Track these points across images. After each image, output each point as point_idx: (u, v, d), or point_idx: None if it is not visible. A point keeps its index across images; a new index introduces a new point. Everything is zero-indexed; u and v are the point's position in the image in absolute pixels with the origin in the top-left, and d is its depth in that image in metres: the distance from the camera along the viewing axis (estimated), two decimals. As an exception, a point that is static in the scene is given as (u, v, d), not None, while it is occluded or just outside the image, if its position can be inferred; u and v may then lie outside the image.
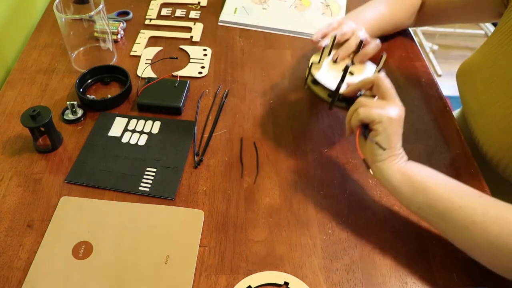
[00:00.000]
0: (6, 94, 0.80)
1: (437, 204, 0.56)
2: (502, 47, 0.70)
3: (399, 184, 0.58)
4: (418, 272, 0.59)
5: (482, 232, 0.53)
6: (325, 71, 0.70)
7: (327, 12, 1.04)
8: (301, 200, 0.67)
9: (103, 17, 0.83)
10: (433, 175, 0.59)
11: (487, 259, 0.55)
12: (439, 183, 0.58)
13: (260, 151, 0.73)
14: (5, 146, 0.72)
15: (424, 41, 2.39)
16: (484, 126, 0.72)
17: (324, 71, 0.70)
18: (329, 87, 0.68)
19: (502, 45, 0.71)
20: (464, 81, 0.78)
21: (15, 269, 0.57)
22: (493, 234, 0.52)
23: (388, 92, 0.60)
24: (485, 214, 0.53)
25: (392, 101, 0.60)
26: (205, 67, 0.88)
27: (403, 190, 0.58)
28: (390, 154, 0.59)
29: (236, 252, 0.60)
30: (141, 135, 0.75)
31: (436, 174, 0.59)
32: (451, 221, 0.55)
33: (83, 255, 0.59)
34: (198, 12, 1.02)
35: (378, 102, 0.60)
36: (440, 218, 0.56)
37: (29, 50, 0.90)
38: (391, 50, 0.93)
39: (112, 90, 0.83)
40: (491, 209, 0.54)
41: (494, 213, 0.53)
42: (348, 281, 0.58)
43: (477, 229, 0.53)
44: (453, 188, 0.57)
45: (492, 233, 0.52)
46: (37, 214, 0.63)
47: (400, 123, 0.59)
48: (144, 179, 0.68)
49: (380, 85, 0.61)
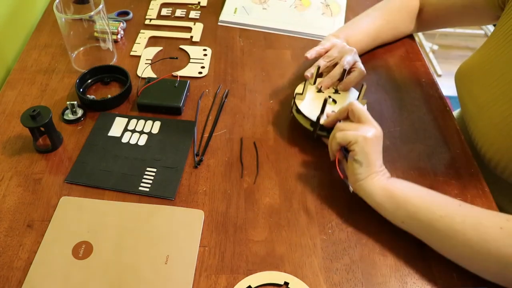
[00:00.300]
0: (6, 94, 0.80)
1: (418, 216, 0.58)
2: (500, 49, 0.71)
3: (382, 200, 0.60)
4: (418, 272, 0.59)
5: (464, 239, 0.54)
6: (309, 101, 0.74)
7: (327, 12, 1.04)
8: (301, 200, 0.67)
9: (103, 17, 0.83)
10: (413, 188, 0.61)
11: (473, 266, 0.56)
12: (419, 195, 0.60)
13: (260, 151, 0.73)
14: (5, 146, 0.72)
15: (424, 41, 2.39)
16: (482, 128, 0.72)
17: (307, 102, 0.74)
18: (311, 117, 0.71)
19: (500, 47, 0.71)
20: (462, 83, 0.79)
21: (15, 269, 0.57)
22: (473, 240, 0.54)
23: (363, 116, 0.64)
24: (463, 222, 0.55)
25: (367, 123, 0.63)
26: (205, 67, 0.88)
27: (386, 206, 0.60)
28: (370, 172, 0.61)
29: (236, 252, 0.60)
30: (141, 135, 0.75)
31: (415, 187, 0.61)
32: (434, 232, 0.57)
33: (83, 255, 0.59)
34: (198, 12, 1.02)
35: (354, 124, 0.64)
36: (424, 230, 0.58)
37: (29, 50, 0.90)
38: (391, 50, 0.93)
39: (112, 90, 0.83)
40: (468, 217, 0.55)
41: (472, 220, 0.55)
42: (348, 281, 0.58)
43: (458, 237, 0.55)
44: (432, 199, 0.59)
45: (472, 239, 0.54)
46: (37, 214, 0.63)
47: (376, 142, 0.62)
48: (144, 179, 0.68)
49: (354, 110, 0.64)
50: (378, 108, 0.81)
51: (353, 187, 0.63)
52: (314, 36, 0.97)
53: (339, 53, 0.77)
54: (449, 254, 0.58)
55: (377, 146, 0.62)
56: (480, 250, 0.53)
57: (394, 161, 0.72)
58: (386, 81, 0.87)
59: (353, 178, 0.63)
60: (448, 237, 0.55)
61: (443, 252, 0.58)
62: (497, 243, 0.52)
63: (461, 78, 0.79)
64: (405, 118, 0.79)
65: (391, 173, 0.70)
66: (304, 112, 0.71)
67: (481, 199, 0.67)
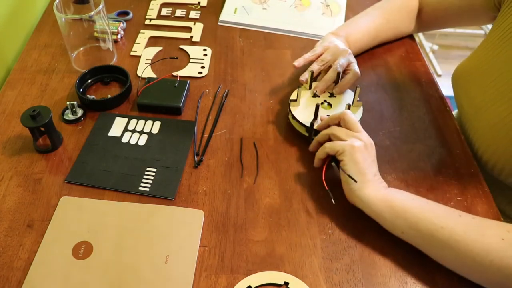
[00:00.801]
0: (6, 94, 0.80)
1: (419, 226, 0.57)
2: (497, 50, 0.71)
3: (381, 210, 0.60)
4: (418, 272, 0.59)
5: (466, 250, 0.54)
6: (304, 107, 0.74)
7: (327, 12, 1.04)
8: (301, 200, 0.67)
9: (103, 17, 0.83)
10: (413, 199, 0.61)
11: (475, 276, 0.56)
12: (419, 205, 0.59)
13: (260, 151, 0.73)
14: (5, 146, 0.72)
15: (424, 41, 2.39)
16: (479, 130, 0.72)
17: (302, 107, 0.74)
18: (306, 123, 0.72)
19: (496, 48, 0.71)
20: (459, 84, 0.79)
21: (15, 269, 0.57)
22: (475, 252, 0.53)
23: (354, 126, 0.64)
24: (465, 233, 0.55)
25: (358, 133, 0.64)
26: (205, 67, 0.88)
27: (385, 216, 0.60)
28: (364, 181, 0.61)
29: (236, 252, 0.60)
30: (141, 135, 0.75)
31: (415, 198, 0.61)
32: (435, 242, 0.56)
33: (83, 255, 0.59)
34: (198, 12, 1.02)
35: (343, 131, 0.64)
36: (424, 240, 0.58)
37: (29, 50, 0.90)
38: (391, 50, 0.93)
39: (112, 90, 0.83)
40: (469, 227, 0.55)
41: (473, 230, 0.55)
42: (348, 281, 0.58)
43: (460, 248, 0.54)
44: (433, 210, 0.58)
45: (474, 250, 0.53)
46: (37, 214, 0.63)
47: (366, 151, 0.62)
48: (144, 179, 0.68)
49: (346, 120, 0.65)
50: (378, 108, 0.81)
51: (349, 198, 0.63)
52: (314, 36, 0.97)
53: (332, 56, 0.77)
54: (450, 265, 0.57)
55: (366, 155, 0.62)
56: (482, 261, 0.53)
57: (394, 161, 0.72)
58: (386, 81, 0.86)
59: (347, 188, 0.63)
60: (450, 247, 0.55)
61: (444, 262, 0.57)
62: (499, 254, 0.52)
63: (457, 79, 0.79)
64: (405, 118, 0.79)
65: (392, 173, 0.70)
66: (299, 119, 0.72)
67: (481, 199, 0.67)
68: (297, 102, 0.74)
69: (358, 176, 0.61)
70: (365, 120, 0.77)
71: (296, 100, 0.74)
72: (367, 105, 0.81)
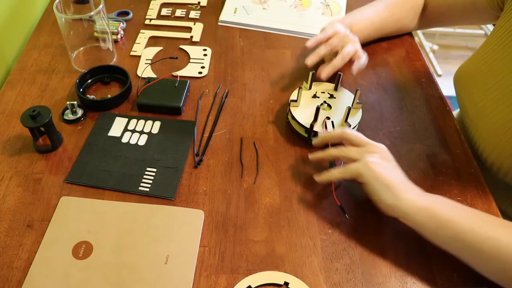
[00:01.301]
0: (6, 94, 0.80)
1: (463, 237, 0.54)
2: (499, 52, 0.70)
3: (422, 221, 0.57)
4: (418, 272, 0.59)
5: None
6: (304, 107, 0.74)
7: (327, 12, 1.04)
8: (301, 200, 0.67)
9: (103, 17, 0.83)
10: (456, 207, 0.58)
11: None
12: (462, 215, 0.56)
13: (260, 151, 0.73)
14: (5, 146, 0.72)
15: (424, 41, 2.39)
16: (483, 133, 0.72)
17: (302, 108, 0.74)
18: (305, 124, 0.71)
19: (497, 49, 0.70)
20: (461, 86, 0.78)
21: (15, 269, 0.57)
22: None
23: (359, 141, 0.62)
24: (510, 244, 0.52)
25: (367, 147, 0.61)
26: (205, 67, 0.88)
27: (428, 226, 0.56)
28: (395, 193, 0.58)
29: (236, 252, 0.60)
30: (141, 135, 0.75)
31: (458, 206, 0.58)
32: (481, 253, 0.53)
33: (83, 255, 0.59)
34: (198, 12, 1.02)
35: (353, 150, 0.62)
36: (468, 251, 0.55)
37: (29, 50, 0.90)
38: (391, 49, 0.93)
39: (112, 90, 0.83)
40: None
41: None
42: (348, 281, 0.58)
43: (506, 260, 0.52)
44: (477, 219, 0.55)
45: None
46: (37, 214, 0.63)
47: (383, 161, 0.60)
48: (144, 179, 0.68)
49: (348, 139, 0.63)
50: (378, 108, 0.81)
51: (389, 214, 0.60)
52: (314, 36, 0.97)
53: (340, 42, 0.77)
54: (497, 278, 0.54)
55: (385, 164, 0.60)
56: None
57: (394, 161, 0.72)
58: (386, 81, 0.87)
59: (383, 206, 0.59)
60: (495, 259, 0.52)
61: (490, 274, 0.54)
62: None
63: (460, 81, 0.79)
64: (405, 118, 0.79)
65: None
66: (298, 119, 0.72)
67: (481, 199, 0.67)
68: (297, 102, 0.74)
69: (387, 191, 0.58)
70: (365, 120, 0.77)
71: (297, 101, 0.74)
72: (367, 105, 0.81)
